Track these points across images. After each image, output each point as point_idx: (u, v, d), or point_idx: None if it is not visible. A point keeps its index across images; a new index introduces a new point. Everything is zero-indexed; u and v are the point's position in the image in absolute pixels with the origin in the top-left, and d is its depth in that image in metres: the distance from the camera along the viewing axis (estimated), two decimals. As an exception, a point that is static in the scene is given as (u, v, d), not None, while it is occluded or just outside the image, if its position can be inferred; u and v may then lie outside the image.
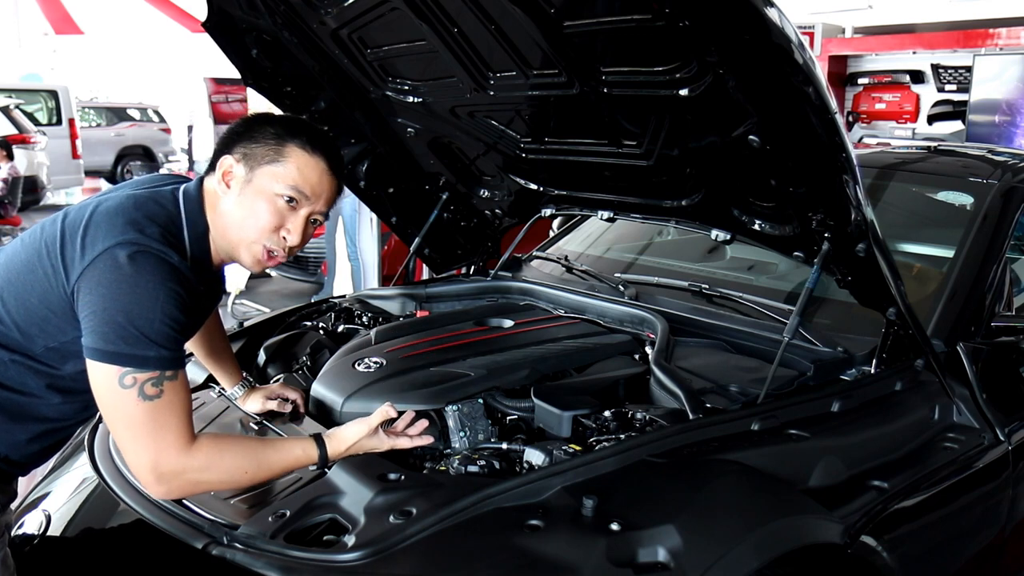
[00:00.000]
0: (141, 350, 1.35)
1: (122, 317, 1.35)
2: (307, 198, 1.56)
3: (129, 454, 1.40)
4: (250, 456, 1.47)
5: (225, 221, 1.55)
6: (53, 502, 1.77)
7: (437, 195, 2.79)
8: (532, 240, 3.07)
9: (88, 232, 1.41)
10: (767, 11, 1.35)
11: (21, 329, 1.45)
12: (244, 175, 1.54)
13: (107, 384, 1.37)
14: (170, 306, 1.38)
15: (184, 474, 1.39)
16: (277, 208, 1.54)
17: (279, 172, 1.53)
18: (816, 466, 1.64)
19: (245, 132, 1.57)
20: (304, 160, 1.55)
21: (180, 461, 1.38)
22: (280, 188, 1.53)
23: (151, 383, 1.36)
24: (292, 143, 1.55)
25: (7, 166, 9.60)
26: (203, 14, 2.26)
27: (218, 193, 1.55)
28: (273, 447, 1.52)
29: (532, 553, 1.32)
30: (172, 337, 1.39)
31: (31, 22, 16.78)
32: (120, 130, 16.55)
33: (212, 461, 1.42)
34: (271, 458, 1.50)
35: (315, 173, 1.56)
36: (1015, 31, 7.03)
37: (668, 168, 2.06)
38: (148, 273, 1.37)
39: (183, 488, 1.42)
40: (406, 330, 2.23)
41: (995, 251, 2.26)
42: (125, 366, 1.35)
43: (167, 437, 1.38)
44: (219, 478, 1.44)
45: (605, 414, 1.78)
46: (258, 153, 1.54)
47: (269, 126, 1.57)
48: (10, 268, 1.48)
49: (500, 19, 1.81)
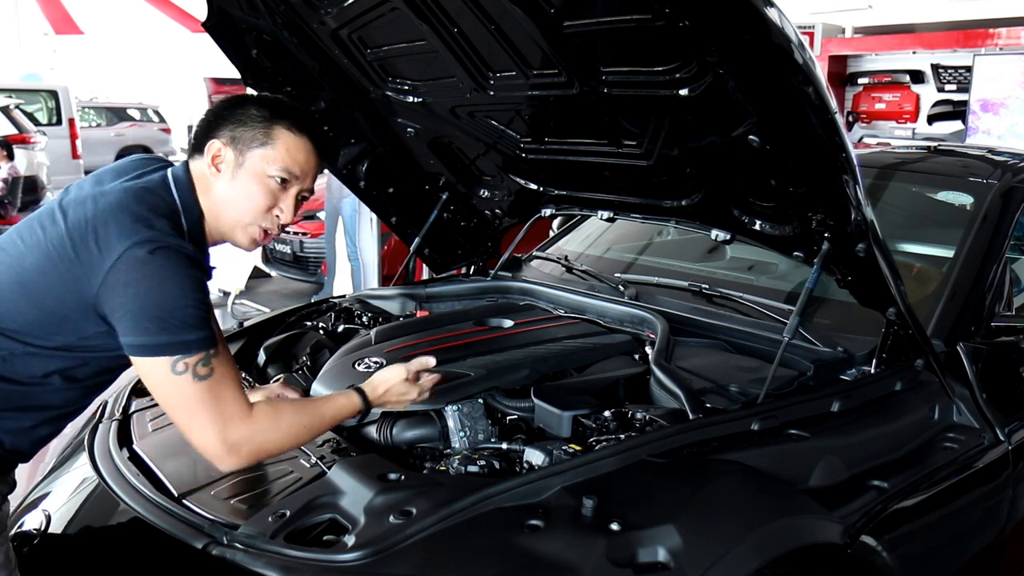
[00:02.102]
0: (184, 336, 1.40)
1: (158, 311, 1.39)
2: (296, 177, 1.61)
3: (196, 434, 1.45)
4: (304, 412, 1.55)
5: (219, 205, 1.58)
6: (53, 502, 1.77)
7: (437, 195, 2.79)
8: (532, 240, 3.07)
9: (99, 233, 1.43)
10: (767, 11, 1.36)
11: (35, 326, 1.46)
12: (234, 158, 1.57)
13: (161, 376, 1.42)
14: (196, 291, 1.43)
15: (253, 439, 1.46)
16: (270, 189, 1.59)
17: (269, 154, 1.57)
18: (816, 466, 1.64)
19: (229, 115, 1.60)
20: (292, 141, 1.59)
21: (246, 427, 1.45)
22: (272, 170, 1.58)
23: (200, 364, 1.42)
24: (279, 125, 1.59)
25: (7, 166, 9.60)
26: (203, 14, 2.26)
27: (208, 177, 1.58)
28: (322, 401, 1.63)
29: (532, 553, 1.32)
30: (204, 318, 1.44)
31: (31, 22, 16.76)
32: (120, 130, 16.56)
33: (274, 422, 1.49)
34: (322, 409, 1.59)
35: (303, 153, 1.61)
36: (1015, 31, 7.03)
37: (668, 168, 2.06)
38: (171, 266, 1.41)
39: (252, 454, 1.47)
40: (406, 330, 2.23)
41: (995, 251, 2.26)
42: (174, 354, 1.41)
43: (229, 408, 1.44)
44: (283, 437, 1.51)
45: (605, 414, 1.78)
46: (246, 136, 1.58)
47: (253, 108, 1.61)
48: (20, 271, 1.48)
49: (500, 19, 1.82)
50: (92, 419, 1.99)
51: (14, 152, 9.85)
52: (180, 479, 1.61)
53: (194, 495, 1.55)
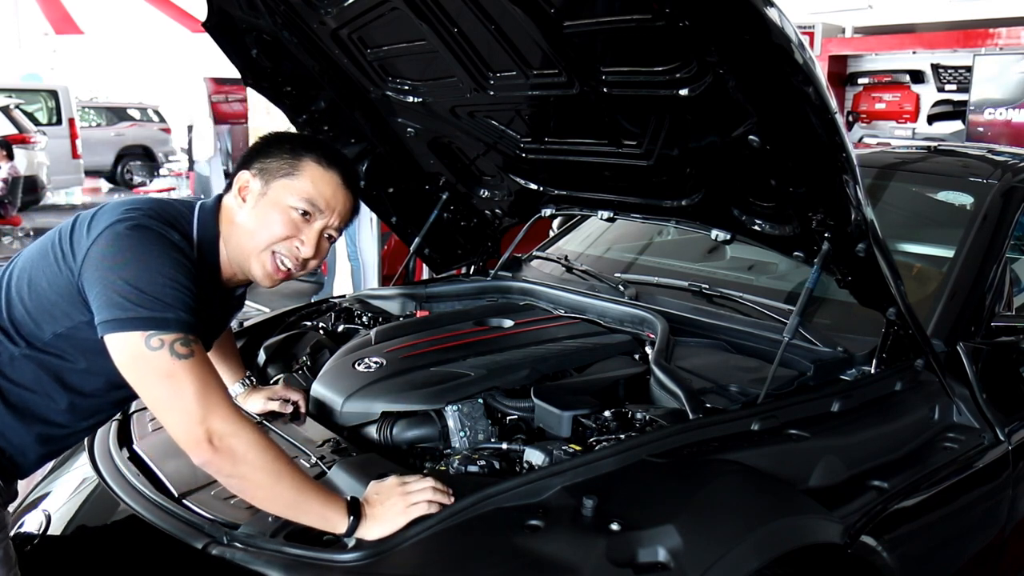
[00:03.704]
0: (160, 312, 1.34)
1: (132, 284, 1.34)
2: (321, 211, 1.58)
3: (174, 414, 1.34)
4: (295, 474, 1.37)
5: (239, 232, 1.57)
6: (53, 502, 1.77)
7: (437, 195, 2.79)
8: (532, 240, 3.07)
9: (95, 217, 1.45)
10: (767, 11, 1.36)
11: (32, 316, 1.46)
12: (260, 188, 1.57)
13: (133, 351, 1.34)
14: (177, 272, 1.38)
15: (236, 436, 1.32)
16: (291, 219, 1.56)
17: (294, 185, 1.56)
18: (816, 466, 1.64)
19: (262, 149, 1.61)
20: (319, 174, 1.57)
21: (232, 421, 1.33)
22: (294, 200, 1.56)
23: (180, 343, 1.34)
24: (307, 157, 1.58)
25: (7, 166, 9.61)
26: (203, 14, 2.26)
27: (234, 207, 1.59)
28: (316, 490, 1.39)
29: (532, 553, 1.32)
30: (185, 302, 1.37)
31: (31, 22, 16.76)
32: (120, 130, 16.54)
33: (260, 443, 1.34)
34: (313, 501, 1.36)
35: (329, 187, 1.58)
36: (1015, 31, 7.03)
37: (668, 168, 2.06)
38: (149, 243, 1.38)
39: (231, 452, 1.32)
40: (406, 330, 2.23)
41: (995, 251, 2.26)
42: (147, 329, 1.33)
43: (215, 394, 1.34)
44: (263, 464, 1.34)
45: (605, 414, 1.77)
46: (273, 167, 1.57)
47: (285, 142, 1.61)
48: (29, 258, 1.51)
49: (500, 19, 1.82)
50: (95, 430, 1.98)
51: (14, 152, 9.86)
52: (180, 479, 1.61)
53: (194, 495, 1.55)
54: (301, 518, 1.37)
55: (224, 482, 1.40)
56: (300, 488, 1.36)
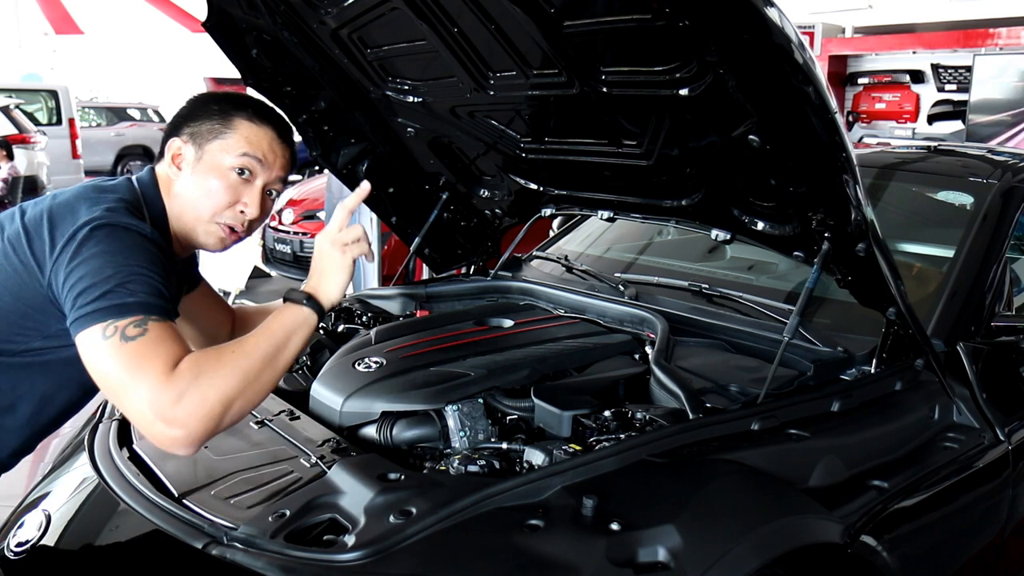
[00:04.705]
0: (120, 299, 1.29)
1: (100, 276, 1.30)
2: (260, 168, 1.55)
3: (129, 410, 1.29)
4: (247, 339, 1.35)
5: (180, 203, 1.54)
6: (53, 502, 1.77)
7: (437, 195, 2.79)
8: (532, 240, 3.07)
9: (53, 224, 1.40)
10: (767, 11, 1.35)
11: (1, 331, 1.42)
12: (194, 154, 1.54)
13: (91, 347, 1.29)
14: (146, 259, 1.34)
15: (184, 396, 1.25)
16: (230, 183, 1.53)
17: (228, 144, 1.53)
18: (816, 466, 1.64)
19: (189, 113, 1.57)
20: (252, 130, 1.55)
21: (172, 385, 1.25)
22: (231, 160, 1.53)
23: (132, 325, 1.28)
24: (237, 115, 1.55)
25: (7, 166, 9.60)
26: (203, 14, 2.26)
27: (170, 177, 1.55)
28: (267, 320, 1.40)
29: (532, 553, 1.32)
30: (154, 287, 1.33)
31: (31, 22, 16.79)
32: (120, 130, 16.55)
33: (211, 365, 1.28)
34: (271, 325, 1.37)
35: (264, 141, 1.56)
36: (1015, 31, 7.04)
37: (668, 168, 2.06)
38: (118, 239, 1.35)
39: (193, 415, 1.26)
40: (406, 330, 2.23)
41: (995, 251, 2.26)
42: (105, 320, 1.28)
43: (155, 367, 1.25)
44: (229, 375, 1.29)
45: (605, 414, 1.77)
46: (204, 130, 1.54)
47: (212, 103, 1.57)
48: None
49: (500, 19, 1.81)
50: (92, 419, 1.99)
51: (14, 152, 9.86)
52: (180, 479, 1.60)
53: (194, 495, 1.55)
54: (288, 347, 1.40)
55: (222, 426, 1.34)
56: (261, 341, 1.36)
